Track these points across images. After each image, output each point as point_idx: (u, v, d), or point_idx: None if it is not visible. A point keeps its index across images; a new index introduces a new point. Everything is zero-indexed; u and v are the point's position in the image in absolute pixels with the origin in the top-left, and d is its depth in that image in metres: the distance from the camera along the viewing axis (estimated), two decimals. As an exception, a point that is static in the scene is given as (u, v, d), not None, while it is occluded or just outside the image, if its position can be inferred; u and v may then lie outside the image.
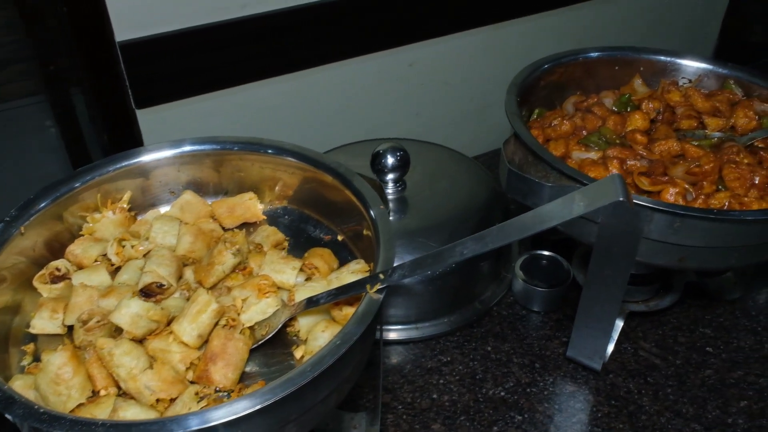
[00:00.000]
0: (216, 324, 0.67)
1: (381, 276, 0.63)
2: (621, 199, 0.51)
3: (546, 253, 1.03)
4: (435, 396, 0.90)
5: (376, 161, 1.01)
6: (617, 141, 0.86)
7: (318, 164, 0.80)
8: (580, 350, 0.90)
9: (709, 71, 0.99)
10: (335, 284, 0.71)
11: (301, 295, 0.70)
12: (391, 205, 1.04)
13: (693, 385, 0.90)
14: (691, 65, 0.99)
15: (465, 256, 0.58)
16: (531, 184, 0.78)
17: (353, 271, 0.72)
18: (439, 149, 1.17)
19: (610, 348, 0.91)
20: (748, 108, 0.92)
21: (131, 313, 0.63)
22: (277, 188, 0.86)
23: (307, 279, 0.74)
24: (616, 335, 0.93)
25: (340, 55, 1.29)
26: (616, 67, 1.01)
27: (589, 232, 0.79)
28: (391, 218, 1.02)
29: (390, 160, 1.00)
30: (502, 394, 0.90)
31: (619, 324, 0.94)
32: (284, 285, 0.72)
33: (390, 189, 1.03)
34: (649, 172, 0.83)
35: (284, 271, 0.72)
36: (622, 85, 1.02)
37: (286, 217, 0.85)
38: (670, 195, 0.79)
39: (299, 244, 0.82)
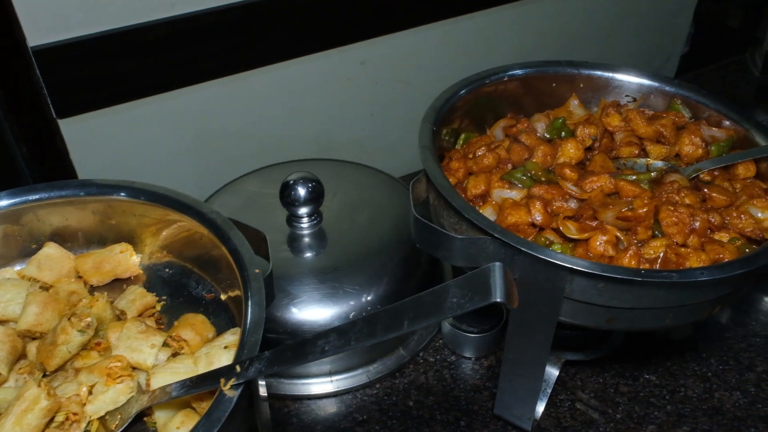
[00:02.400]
0: (51, 421, 0.56)
1: (237, 369, 0.53)
2: (498, 300, 0.41)
3: (477, 291, 0.93)
4: (345, 463, 0.80)
5: (285, 193, 0.90)
6: (543, 178, 0.76)
7: (193, 213, 0.69)
8: (507, 409, 0.80)
9: (655, 89, 0.88)
10: (203, 362, 0.61)
11: (158, 381, 0.59)
12: (306, 240, 0.93)
13: (633, 445, 0.81)
14: (634, 82, 0.89)
15: (326, 354, 0.48)
16: (439, 235, 0.68)
17: (227, 345, 0.62)
18: (364, 171, 1.06)
19: (542, 406, 0.82)
20: (694, 133, 0.81)
21: (-67, 420, 0.52)
22: (158, 238, 0.75)
23: (175, 354, 0.64)
24: (549, 389, 0.84)
25: (283, 55, 1.20)
26: (554, 84, 0.91)
27: (507, 288, 0.69)
28: (308, 255, 0.92)
29: (301, 192, 0.90)
30: (421, 459, 0.80)
31: (554, 373, 0.84)
32: (141, 366, 0.61)
33: (304, 223, 0.93)
34: (578, 215, 0.72)
35: (141, 349, 0.61)
36: (563, 102, 0.91)
37: (168, 270, 0.75)
38: (599, 244, 0.69)
39: (177, 304, 0.72)
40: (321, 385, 0.88)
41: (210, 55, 1.12)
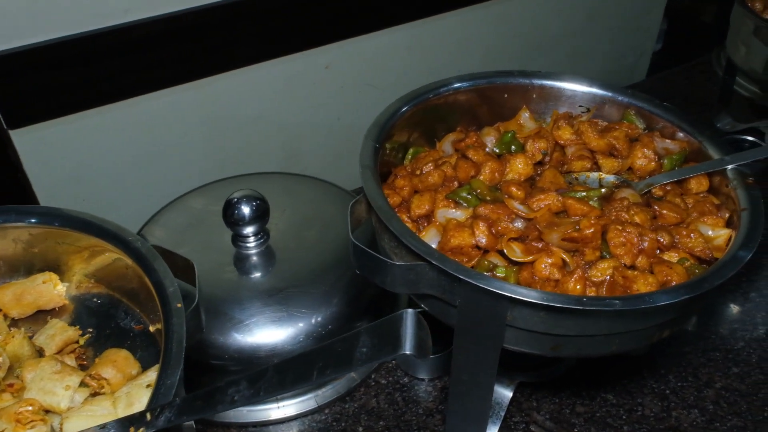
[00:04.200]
0: (-47, 475, 0.52)
1: (147, 417, 0.49)
2: (407, 352, 0.38)
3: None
4: (290, 495, 0.77)
5: (229, 212, 0.86)
6: (488, 197, 0.73)
7: (117, 241, 0.65)
8: (458, 434, 0.77)
9: (608, 99, 0.86)
10: (122, 403, 0.58)
11: (72, 426, 0.56)
12: (252, 260, 0.90)
13: (588, 468, 0.79)
14: (587, 91, 0.86)
15: (236, 404, 0.45)
16: (376, 261, 0.65)
17: (149, 383, 0.59)
18: (316, 185, 1.03)
19: (494, 430, 0.79)
20: (646, 146, 0.79)
21: None
22: (85, 266, 0.71)
23: (95, 394, 0.60)
24: (503, 411, 0.81)
25: (244, 60, 1.16)
26: (506, 95, 0.88)
27: (449, 314, 0.66)
28: (254, 276, 0.88)
29: (245, 210, 0.86)
30: (369, 489, 0.77)
31: (508, 395, 0.82)
32: (54, 410, 0.58)
33: (249, 242, 0.89)
34: (524, 236, 0.70)
35: (55, 391, 0.58)
36: (518, 112, 0.88)
37: (96, 300, 0.71)
38: (545, 267, 0.66)
39: (104, 336, 0.68)
40: (268, 411, 0.85)
41: (167, 61, 1.09)
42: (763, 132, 1.24)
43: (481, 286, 0.59)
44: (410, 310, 0.40)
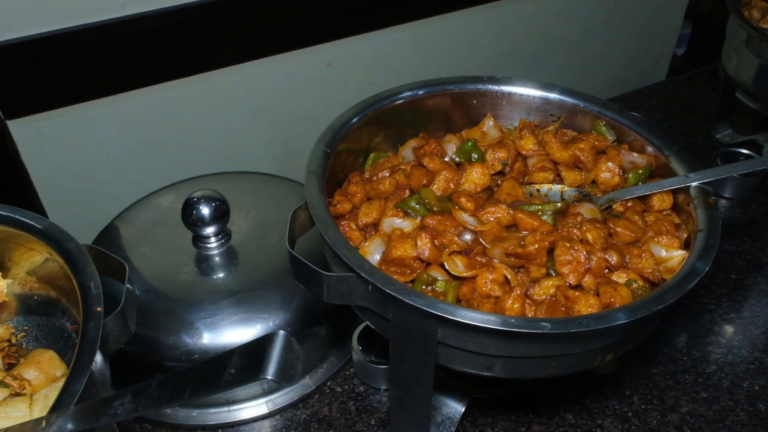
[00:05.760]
0: None
1: (43, 424, 0.48)
2: (269, 377, 0.36)
3: (390, 318, 0.88)
4: (230, 502, 0.76)
5: (187, 212, 0.85)
6: (435, 207, 0.70)
7: (50, 240, 0.64)
8: (403, 448, 0.75)
9: (579, 108, 0.82)
10: (39, 405, 0.57)
11: (-16, 427, 0.55)
12: (211, 262, 0.89)
13: (538, 490, 0.76)
14: (556, 99, 0.83)
15: (118, 417, 0.44)
16: (309, 271, 0.63)
17: (69, 387, 0.58)
18: (287, 186, 1.01)
19: (440, 446, 0.77)
20: (611, 159, 0.76)
21: None
22: (27, 263, 0.71)
23: (17, 394, 0.60)
24: (454, 427, 0.79)
25: (244, 55, 1.17)
26: (474, 101, 0.85)
27: (385, 327, 0.64)
28: (211, 278, 0.87)
29: (204, 211, 0.85)
30: (310, 500, 0.76)
31: (460, 410, 0.80)
32: (-30, 410, 0.57)
33: (209, 243, 0.89)
34: (469, 249, 0.67)
35: (-29, 391, 0.57)
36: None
37: (36, 298, 0.71)
38: (485, 283, 0.63)
39: (41, 334, 0.68)
40: (218, 414, 0.84)
41: (164, 56, 1.09)
42: (761, 145, 1.19)
43: (407, 302, 0.57)
44: (281, 332, 0.38)
